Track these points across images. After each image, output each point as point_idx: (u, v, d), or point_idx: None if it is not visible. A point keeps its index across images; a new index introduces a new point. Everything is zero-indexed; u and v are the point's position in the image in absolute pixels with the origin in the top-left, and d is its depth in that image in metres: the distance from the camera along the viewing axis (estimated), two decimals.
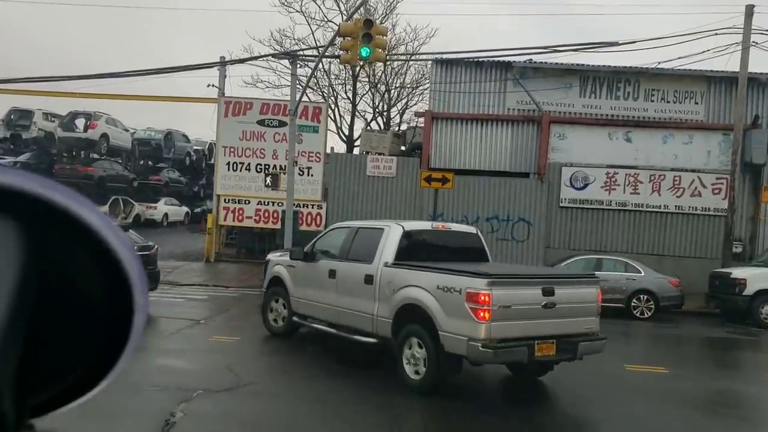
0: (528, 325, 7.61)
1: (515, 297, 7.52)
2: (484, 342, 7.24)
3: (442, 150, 22.02)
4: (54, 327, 0.64)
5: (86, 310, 0.65)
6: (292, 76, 19.61)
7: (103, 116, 30.47)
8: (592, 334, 8.24)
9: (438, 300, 7.71)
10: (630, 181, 21.35)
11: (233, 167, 22.50)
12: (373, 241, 9.04)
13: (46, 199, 0.59)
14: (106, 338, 0.66)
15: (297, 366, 9.46)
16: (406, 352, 8.08)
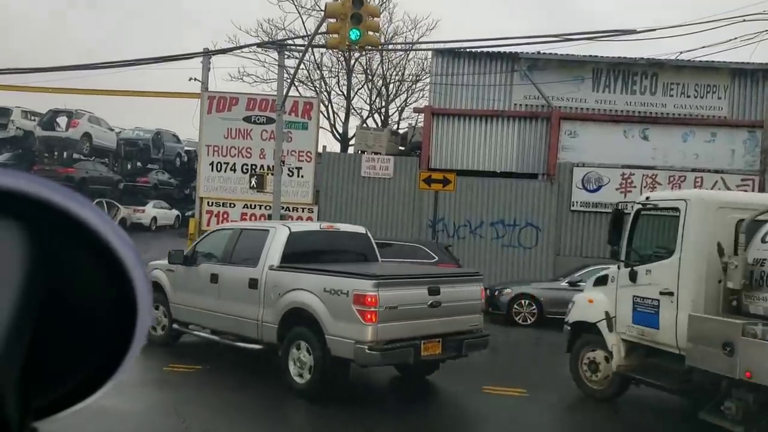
0: (414, 325, 7.66)
1: (402, 297, 7.55)
2: (371, 344, 7.22)
3: (443, 149, 20.33)
4: (57, 329, 0.64)
5: (90, 312, 0.65)
6: (279, 68, 17.96)
7: (86, 114, 28.88)
8: (477, 332, 8.48)
9: (325, 303, 7.63)
10: (647, 183, 19.61)
11: (217, 167, 20.83)
12: (258, 244, 8.78)
13: (49, 200, 0.59)
14: (109, 340, 0.65)
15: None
16: (292, 357, 7.99)
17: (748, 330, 6.34)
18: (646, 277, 7.81)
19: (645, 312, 7.78)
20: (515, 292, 15.32)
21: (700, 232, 7.26)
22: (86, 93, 21.51)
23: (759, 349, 6.20)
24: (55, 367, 0.65)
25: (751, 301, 6.81)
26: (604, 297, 8.51)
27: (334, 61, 25.66)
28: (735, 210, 7.29)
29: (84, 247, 0.62)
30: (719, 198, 7.93)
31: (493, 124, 20.22)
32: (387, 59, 25.72)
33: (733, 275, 6.83)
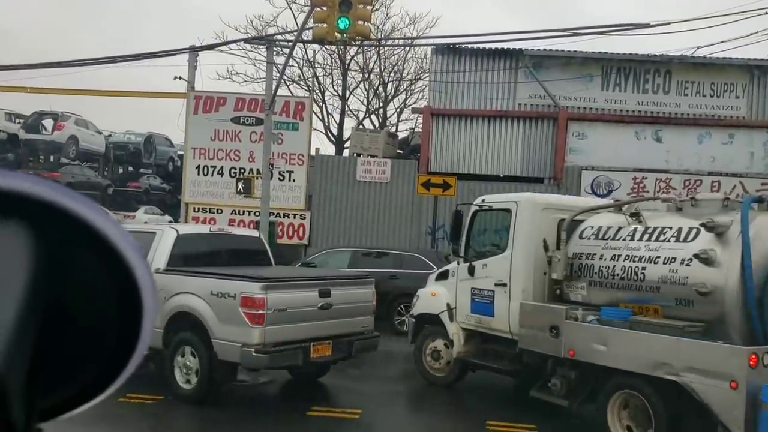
0: (303, 328, 7.74)
1: (291, 300, 7.63)
2: (257, 347, 7.26)
3: (443, 151, 19.16)
4: (63, 331, 0.64)
5: (95, 314, 0.65)
6: (268, 65, 16.81)
7: (72, 117, 27.76)
8: (368, 333, 8.69)
9: (212, 306, 7.64)
10: (661, 188, 18.40)
11: (203, 171, 19.68)
12: (145, 247, 8.37)
13: (56, 202, 0.59)
14: (114, 343, 0.66)
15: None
16: (177, 362, 7.95)
17: (571, 314, 7.19)
18: (482, 271, 8.61)
19: (482, 302, 8.60)
20: None
21: (528, 230, 8.11)
22: (63, 93, 20.41)
23: (579, 330, 7.07)
24: (60, 369, 0.65)
25: (572, 289, 7.70)
26: (446, 290, 9.29)
27: (329, 60, 24.47)
28: (558, 211, 8.15)
29: (90, 249, 0.62)
30: (544, 200, 8.74)
31: (497, 125, 19.06)
32: (384, 57, 24.59)
33: (557, 267, 7.68)
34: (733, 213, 6.57)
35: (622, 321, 6.77)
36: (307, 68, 23.74)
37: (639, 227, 7.25)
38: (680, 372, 6.11)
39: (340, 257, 14.86)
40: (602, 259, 7.36)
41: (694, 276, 6.46)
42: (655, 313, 6.82)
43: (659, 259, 6.82)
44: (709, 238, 6.50)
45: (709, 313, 6.41)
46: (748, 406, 5.70)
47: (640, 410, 6.62)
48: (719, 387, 5.85)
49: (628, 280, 7.06)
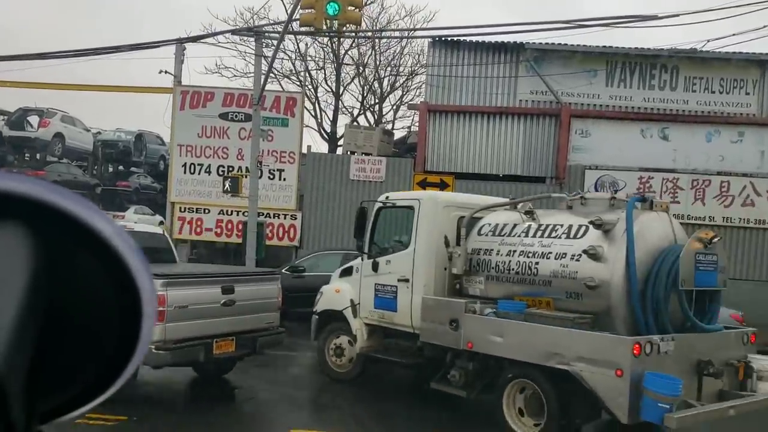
0: (206, 324, 7.73)
1: (193, 297, 7.61)
2: (158, 344, 7.14)
3: (441, 149, 18.34)
4: (63, 334, 0.64)
5: (95, 315, 0.65)
6: (256, 57, 15.99)
7: (58, 113, 26.85)
8: (273, 329, 8.75)
9: None
10: (668, 188, 17.62)
11: (190, 169, 18.85)
12: None
13: (55, 204, 0.59)
14: (114, 345, 0.66)
15: None
16: None
17: (470, 307, 7.44)
18: (386, 267, 8.75)
19: (385, 297, 8.73)
20: None
21: (430, 227, 8.34)
22: (41, 87, 19.56)
23: (477, 322, 7.31)
24: (60, 370, 0.65)
25: (470, 284, 8.00)
26: (350, 286, 9.37)
27: (322, 54, 23.60)
28: (458, 208, 8.45)
29: (89, 250, 0.62)
30: (446, 198, 9.18)
31: (496, 122, 18.25)
32: (379, 51, 23.74)
33: (457, 263, 7.94)
34: (619, 211, 6.90)
35: (517, 313, 7.05)
36: (300, 62, 22.88)
37: (533, 224, 7.56)
38: (570, 361, 6.38)
39: (330, 260, 14.05)
40: (499, 255, 7.67)
41: (583, 270, 6.80)
42: (547, 306, 7.15)
43: (551, 254, 7.13)
44: (597, 235, 6.84)
45: (597, 306, 6.76)
46: (631, 392, 5.98)
47: (534, 399, 6.91)
48: (606, 375, 6.13)
49: (522, 275, 7.39)
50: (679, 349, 6.45)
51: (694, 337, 6.74)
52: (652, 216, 7.07)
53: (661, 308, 6.61)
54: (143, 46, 16.17)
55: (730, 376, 7.03)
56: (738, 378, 7.06)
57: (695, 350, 6.68)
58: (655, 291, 6.61)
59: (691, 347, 6.66)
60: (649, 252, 6.72)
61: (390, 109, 27.05)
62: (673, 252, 6.73)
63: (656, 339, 6.28)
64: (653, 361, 6.16)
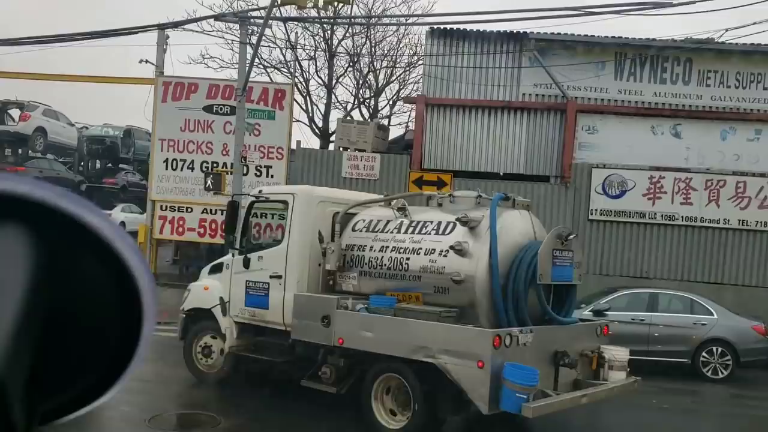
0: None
1: None
2: None
3: (439, 145, 17.26)
4: (64, 335, 0.64)
5: (96, 317, 0.65)
6: (241, 45, 14.92)
7: (40, 107, 25.82)
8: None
9: None
10: (680, 188, 16.55)
11: (172, 165, 17.76)
12: None
13: (57, 206, 0.60)
14: (115, 346, 0.66)
15: None
16: None
17: (341, 303, 7.45)
18: (258, 263, 8.59)
19: (256, 295, 8.59)
20: None
21: (304, 222, 8.27)
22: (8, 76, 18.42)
23: (349, 318, 7.31)
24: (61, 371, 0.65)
25: (344, 280, 8.00)
26: (219, 284, 9.12)
27: (314, 43, 22.43)
28: (333, 204, 8.42)
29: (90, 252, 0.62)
30: (320, 193, 8.96)
31: (498, 117, 17.16)
32: (374, 41, 22.57)
33: (330, 259, 7.93)
34: (485, 209, 7.18)
35: (387, 308, 7.13)
36: (289, 51, 21.71)
37: (405, 221, 7.67)
38: (436, 354, 6.55)
39: None
40: (372, 251, 7.72)
41: (450, 266, 7.00)
42: (416, 301, 7.30)
43: (421, 250, 7.29)
44: (464, 232, 7.06)
45: (463, 300, 6.97)
46: (492, 383, 6.17)
47: (402, 392, 7.03)
48: (468, 367, 6.31)
49: (394, 270, 7.48)
50: (537, 340, 6.77)
51: (551, 329, 7.16)
52: (514, 214, 7.41)
53: (521, 302, 6.89)
54: (120, 32, 15.07)
55: (585, 365, 7.52)
56: (592, 367, 7.56)
57: (552, 342, 7.07)
58: (516, 285, 6.89)
59: (549, 339, 7.04)
60: (510, 248, 7.01)
61: (386, 104, 26.00)
62: (533, 248, 6.99)
63: (516, 331, 6.56)
64: (513, 353, 6.41)
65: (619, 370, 7.58)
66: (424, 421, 6.81)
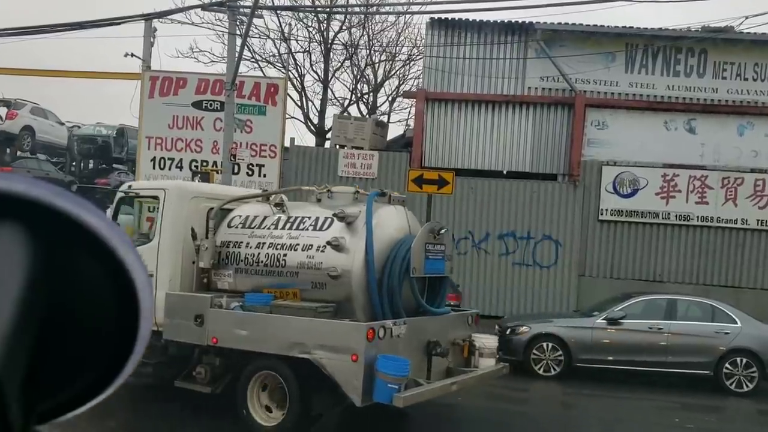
0: None
1: None
2: None
3: (440, 142, 16.40)
4: (61, 333, 0.64)
5: (93, 315, 0.65)
6: (230, 36, 14.06)
7: (28, 105, 24.91)
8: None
9: None
10: (695, 186, 15.68)
11: (160, 164, 16.91)
12: None
13: (53, 204, 0.59)
14: (112, 344, 0.66)
15: None
16: None
17: (215, 302, 7.40)
18: None
19: None
20: (534, 332, 11.32)
21: (176, 219, 8.03)
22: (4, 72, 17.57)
23: (223, 317, 7.29)
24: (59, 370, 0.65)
25: (219, 277, 7.90)
26: None
27: (310, 36, 21.53)
28: (208, 200, 8.22)
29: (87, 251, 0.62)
30: (194, 188, 8.82)
31: (502, 112, 16.29)
32: (372, 32, 21.66)
33: (204, 256, 7.78)
34: (362, 205, 7.21)
35: (263, 306, 7.08)
36: (282, 42, 20.78)
37: (282, 216, 7.63)
38: (312, 350, 6.58)
39: None
40: (248, 247, 7.61)
41: (327, 261, 7.02)
42: (294, 297, 7.26)
43: (299, 246, 7.27)
44: (341, 227, 7.11)
45: (339, 295, 7.02)
46: (365, 375, 6.25)
47: (278, 389, 7.01)
48: (343, 360, 6.38)
49: (271, 267, 7.42)
50: (411, 331, 6.93)
51: (424, 320, 7.33)
52: (390, 209, 7.51)
53: (396, 295, 7.02)
54: (102, 22, 14.21)
55: (456, 354, 7.78)
56: (463, 355, 7.84)
57: (425, 332, 7.26)
58: (391, 279, 7.00)
59: (422, 330, 7.22)
60: (386, 243, 7.12)
61: (385, 101, 25.10)
62: (407, 243, 7.12)
63: (389, 323, 6.68)
64: (387, 345, 6.52)
65: (488, 357, 7.89)
66: (299, 417, 6.85)
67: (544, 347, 11.18)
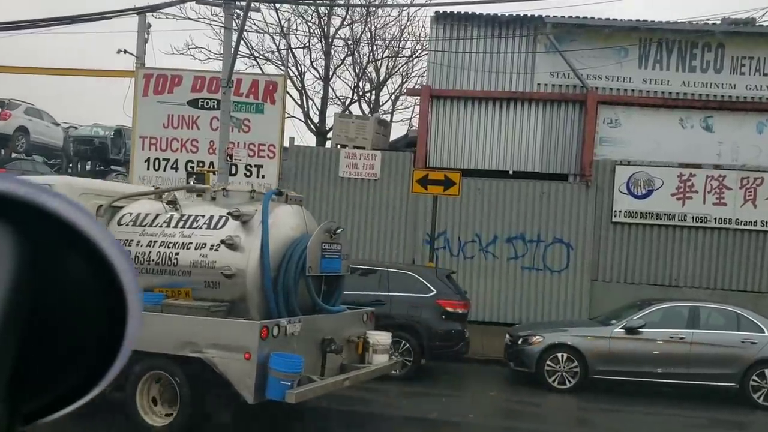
0: None
1: None
2: None
3: (445, 141, 15.76)
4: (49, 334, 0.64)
5: (81, 316, 0.65)
6: (225, 30, 13.43)
7: (22, 105, 24.37)
8: None
9: None
10: (712, 187, 15.00)
11: (154, 165, 16.27)
12: None
13: (40, 204, 0.59)
14: (100, 345, 0.66)
15: None
16: None
17: None
18: None
19: None
20: (547, 342, 10.64)
21: None
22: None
23: None
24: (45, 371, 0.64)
25: None
26: None
27: (308, 29, 20.84)
28: (98, 196, 7.96)
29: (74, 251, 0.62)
30: (82, 184, 8.59)
31: (510, 109, 15.64)
32: (374, 27, 20.99)
33: None
34: (258, 204, 7.22)
35: (153, 305, 6.90)
36: (281, 38, 20.10)
37: (175, 214, 7.51)
38: (204, 349, 6.53)
39: None
40: (139, 246, 7.45)
41: (221, 260, 6.98)
42: (186, 296, 7.20)
43: (191, 244, 7.19)
44: (236, 226, 7.05)
45: (233, 294, 7.00)
46: (258, 373, 6.31)
47: (169, 389, 6.87)
48: (235, 359, 6.39)
49: (162, 265, 7.29)
50: (305, 329, 6.97)
51: (319, 318, 7.42)
52: (287, 208, 7.53)
53: (291, 293, 7.06)
54: (92, 17, 13.60)
55: (351, 351, 7.89)
56: (358, 352, 7.96)
57: (320, 330, 7.32)
58: (286, 278, 7.05)
59: (317, 327, 7.28)
60: (282, 242, 7.16)
61: (387, 99, 24.44)
62: (303, 242, 7.21)
63: (284, 322, 6.70)
64: (281, 343, 6.54)
65: (381, 354, 8.05)
66: (190, 417, 6.79)
67: (559, 358, 10.50)
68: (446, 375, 11.06)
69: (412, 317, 10.51)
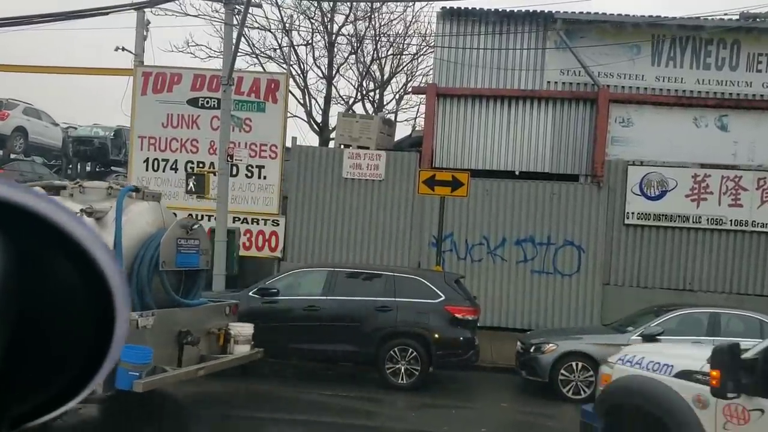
0: None
1: None
2: None
3: (451, 141, 15.32)
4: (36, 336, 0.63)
5: (68, 318, 0.64)
6: (226, 26, 13.03)
7: (20, 105, 24.02)
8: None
9: None
10: (728, 188, 14.54)
11: (153, 166, 15.86)
12: None
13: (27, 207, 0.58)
14: (87, 348, 0.65)
15: None
16: None
17: None
18: None
19: None
20: (562, 350, 10.19)
21: None
22: None
23: None
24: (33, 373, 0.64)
25: None
26: None
27: (311, 26, 20.40)
28: None
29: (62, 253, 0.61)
30: None
31: (519, 108, 15.20)
32: (379, 24, 20.56)
33: None
34: (113, 200, 7.33)
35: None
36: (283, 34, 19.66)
37: None
38: None
39: (313, 279, 11.03)
40: None
41: None
42: None
43: None
44: (89, 223, 6.78)
45: None
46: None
47: None
48: None
49: None
50: (160, 322, 7.13)
51: (175, 311, 7.58)
52: (143, 205, 7.66)
53: (145, 288, 7.23)
54: (88, 12, 13.17)
55: (213, 342, 8.11)
56: (219, 343, 8.19)
57: (176, 323, 7.50)
58: (140, 272, 7.20)
59: (172, 320, 7.45)
60: (137, 238, 7.29)
61: (392, 99, 24.00)
62: (157, 238, 7.34)
63: (135, 315, 6.78)
64: (133, 336, 6.56)
65: (243, 344, 8.32)
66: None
67: (573, 367, 10.05)
68: (455, 384, 10.62)
69: (420, 324, 10.08)
